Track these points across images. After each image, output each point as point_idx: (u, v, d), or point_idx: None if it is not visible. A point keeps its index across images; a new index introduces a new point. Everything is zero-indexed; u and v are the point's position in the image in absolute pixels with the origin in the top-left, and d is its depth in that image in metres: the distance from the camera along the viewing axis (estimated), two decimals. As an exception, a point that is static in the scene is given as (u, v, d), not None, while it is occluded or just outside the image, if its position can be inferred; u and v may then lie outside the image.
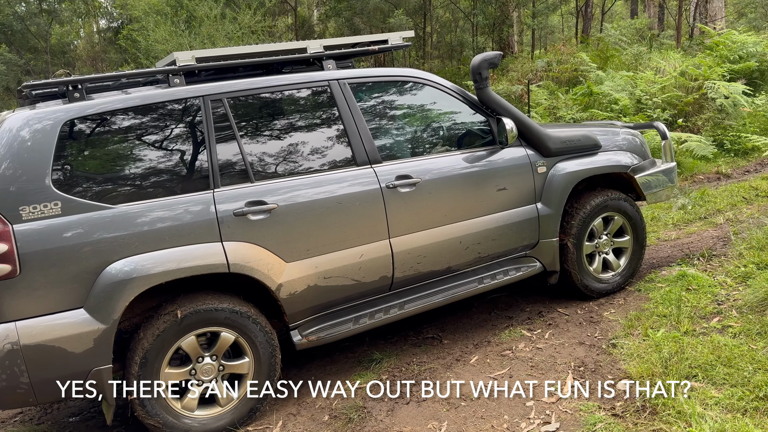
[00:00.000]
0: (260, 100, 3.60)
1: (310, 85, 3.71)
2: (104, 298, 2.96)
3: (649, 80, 10.37)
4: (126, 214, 3.06)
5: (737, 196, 6.65)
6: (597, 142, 4.42)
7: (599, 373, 3.42)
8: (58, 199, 2.96)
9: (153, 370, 3.12)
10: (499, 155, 4.07)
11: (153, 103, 3.29)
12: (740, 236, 5.13)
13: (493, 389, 3.41)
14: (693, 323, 3.74)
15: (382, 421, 3.25)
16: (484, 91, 4.09)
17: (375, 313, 3.69)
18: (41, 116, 3.06)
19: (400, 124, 4.07)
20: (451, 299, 3.92)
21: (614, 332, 3.88)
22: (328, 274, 3.49)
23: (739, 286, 4.16)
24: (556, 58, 14.22)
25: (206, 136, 3.33)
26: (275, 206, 3.34)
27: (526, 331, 4.11)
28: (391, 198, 3.65)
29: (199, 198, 3.23)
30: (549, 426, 3.01)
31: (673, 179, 4.78)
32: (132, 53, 15.59)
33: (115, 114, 3.20)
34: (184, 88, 3.38)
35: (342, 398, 3.53)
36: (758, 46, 10.47)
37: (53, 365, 2.92)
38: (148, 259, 3.04)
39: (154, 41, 13.48)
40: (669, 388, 3.01)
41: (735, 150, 8.67)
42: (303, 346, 3.47)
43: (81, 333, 2.93)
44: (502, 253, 4.13)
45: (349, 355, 4.14)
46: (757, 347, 3.29)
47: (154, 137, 3.30)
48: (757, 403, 2.82)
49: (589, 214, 4.30)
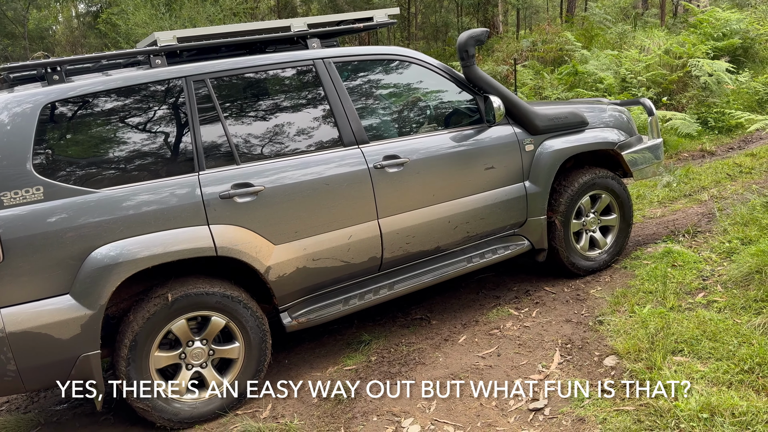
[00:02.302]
0: (244, 81, 3.55)
1: (295, 65, 3.65)
2: (90, 283, 2.93)
3: (634, 59, 10.39)
4: (110, 198, 3.02)
5: (721, 173, 6.70)
6: (584, 120, 4.41)
7: (586, 350, 3.45)
8: (40, 185, 2.91)
9: (143, 353, 3.11)
10: (486, 134, 4.05)
11: (135, 85, 3.23)
12: (724, 212, 5.17)
13: (481, 368, 3.42)
14: (679, 299, 3.77)
15: (372, 401, 3.26)
16: (471, 68, 4.06)
17: (365, 294, 3.69)
18: (20, 99, 3.00)
19: (386, 103, 4.04)
20: (441, 279, 3.92)
21: (601, 309, 3.90)
22: (316, 256, 3.47)
23: (724, 262, 4.20)
24: (541, 38, 14.17)
25: (190, 118, 3.28)
26: (262, 188, 3.31)
27: (514, 310, 4.12)
28: (379, 178, 3.63)
29: (183, 181, 3.18)
30: (537, 403, 3.03)
31: (659, 155, 4.79)
32: (112, 37, 15.30)
33: (96, 96, 3.15)
34: (166, 68, 3.31)
35: (331, 380, 3.53)
36: (741, 24, 10.51)
37: (40, 352, 2.89)
38: (134, 244, 3.01)
39: (134, 25, 13.23)
40: (656, 364, 3.04)
41: (719, 127, 8.72)
42: (293, 328, 3.46)
43: (67, 319, 2.90)
44: (490, 231, 4.13)
45: (337, 337, 4.14)
46: (742, 321, 3.32)
47: (137, 120, 3.25)
48: (741, 376, 2.85)
49: (576, 192, 4.31)
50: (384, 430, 3.02)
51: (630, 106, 4.97)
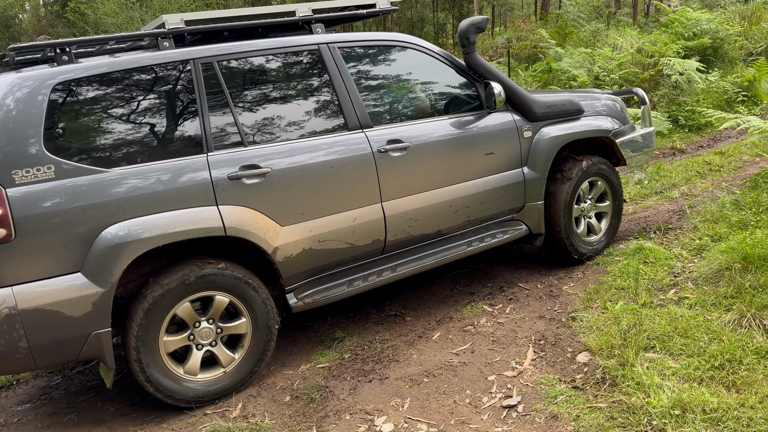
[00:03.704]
0: (251, 64, 3.58)
1: (300, 49, 3.68)
2: (101, 261, 2.94)
3: (607, 57, 10.48)
4: (120, 177, 3.04)
5: (692, 171, 6.79)
6: (580, 107, 4.49)
7: (559, 346, 3.45)
8: (51, 163, 2.92)
9: (153, 334, 3.13)
10: (486, 120, 4.11)
11: (144, 66, 3.25)
12: (695, 209, 5.24)
13: (455, 365, 3.40)
14: (650, 295, 3.79)
15: (345, 399, 3.21)
16: (472, 55, 4.11)
17: (368, 276, 3.73)
18: (31, 79, 2.99)
19: (389, 88, 4.05)
20: (442, 262, 3.98)
21: (574, 306, 3.91)
22: (322, 238, 3.52)
23: (694, 258, 4.25)
24: (516, 35, 14.25)
25: (198, 100, 3.31)
26: (269, 170, 3.34)
27: (488, 306, 4.11)
28: (382, 162, 3.67)
29: (192, 162, 3.21)
30: (510, 400, 3.02)
31: (651, 144, 4.92)
32: (80, 27, 14.92)
33: (106, 77, 3.16)
34: (175, 51, 3.33)
35: (303, 378, 3.48)
36: (711, 24, 10.66)
37: (52, 329, 2.90)
38: (144, 223, 3.03)
39: (102, 14, 12.93)
40: (628, 360, 3.05)
41: (689, 126, 8.85)
42: (299, 308, 3.50)
43: (79, 297, 2.92)
44: (489, 216, 4.20)
45: (310, 334, 4.08)
46: (712, 318, 3.35)
47: (146, 101, 3.26)
48: (712, 372, 2.87)
49: (578, 178, 4.40)
50: (357, 428, 2.97)
51: (623, 95, 5.10)
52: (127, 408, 3.49)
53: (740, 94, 9.23)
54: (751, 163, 6.88)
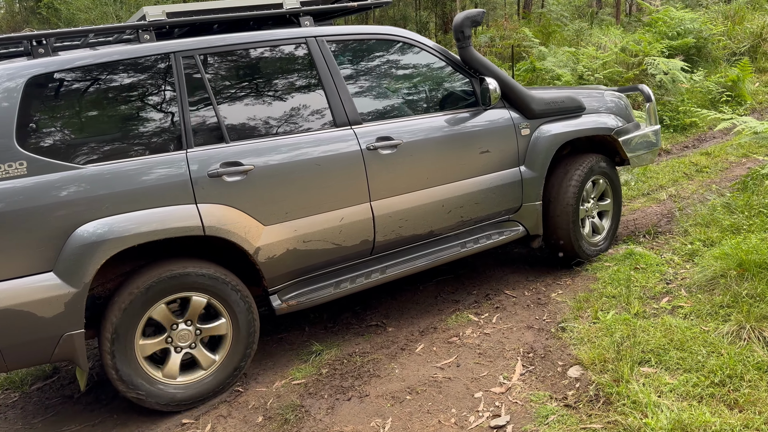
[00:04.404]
0: (234, 57, 3.44)
1: (286, 42, 3.55)
2: (74, 261, 2.84)
3: (591, 56, 10.37)
4: (95, 174, 2.93)
5: (678, 172, 6.68)
6: (581, 104, 4.33)
7: (549, 360, 3.26)
8: (24, 159, 2.82)
9: (129, 336, 3.02)
10: (482, 117, 3.97)
11: (122, 60, 3.13)
12: (684, 212, 5.10)
13: (439, 380, 3.20)
14: (643, 304, 3.63)
15: (321, 420, 2.99)
16: (467, 50, 3.97)
17: (356, 278, 3.61)
18: (4, 72, 2.89)
19: (381, 84, 3.87)
20: (434, 263, 3.85)
21: (563, 315, 3.73)
22: (307, 238, 3.39)
23: (687, 264, 4.09)
24: (499, 34, 14.11)
25: (178, 94, 3.19)
26: (251, 168, 3.22)
27: (474, 315, 3.92)
28: (371, 160, 3.53)
29: (171, 158, 3.09)
30: (499, 420, 2.83)
31: (656, 142, 4.78)
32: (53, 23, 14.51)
33: (83, 71, 3.04)
34: (155, 44, 3.21)
35: (278, 396, 3.25)
36: (695, 23, 10.61)
37: (23, 330, 2.80)
38: (120, 222, 2.92)
39: (76, 10, 12.56)
40: (623, 376, 2.87)
41: (674, 126, 8.76)
42: (283, 311, 3.40)
43: (51, 297, 2.82)
44: (485, 216, 4.05)
45: (286, 347, 3.86)
46: (709, 329, 3.19)
47: (124, 95, 3.16)
48: (712, 389, 2.70)
49: (583, 178, 4.26)
50: (334, 452, 2.76)
51: (627, 92, 4.95)
52: (88, 429, 3.24)
53: (724, 93, 9.16)
54: (737, 164, 6.79)
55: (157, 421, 3.18)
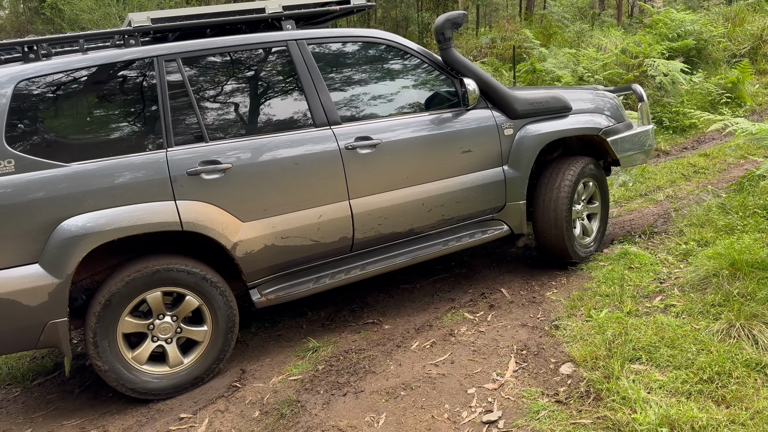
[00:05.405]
0: (215, 61, 3.54)
1: (267, 45, 3.65)
2: (58, 253, 2.99)
3: (591, 57, 10.40)
4: (79, 172, 3.08)
5: (676, 173, 6.71)
6: (567, 104, 4.34)
7: (542, 357, 3.31)
8: (12, 157, 2.98)
9: (114, 316, 3.17)
10: (464, 117, 4.02)
11: (107, 63, 3.28)
12: (680, 213, 5.14)
13: (434, 377, 3.25)
14: (636, 303, 3.67)
15: (317, 415, 3.04)
16: (448, 51, 4.02)
17: (336, 274, 3.71)
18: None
19: (361, 85, 3.93)
20: (414, 260, 3.91)
21: (557, 313, 3.77)
22: (285, 234, 3.49)
23: (680, 264, 4.13)
24: (500, 35, 14.15)
25: (159, 96, 3.32)
26: (229, 166, 3.33)
27: (469, 313, 3.96)
28: (350, 159, 3.61)
29: (151, 157, 3.22)
30: (491, 415, 2.87)
31: (649, 142, 4.77)
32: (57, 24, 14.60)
33: (69, 74, 3.21)
34: (138, 48, 3.35)
35: (275, 392, 3.31)
36: (695, 25, 10.62)
37: (9, 318, 2.96)
38: (100, 217, 3.07)
39: (79, 11, 12.64)
40: (613, 372, 2.92)
41: (673, 127, 8.79)
42: (262, 304, 3.51)
43: (36, 287, 2.97)
44: (467, 215, 4.10)
45: (283, 344, 3.91)
46: (700, 327, 3.23)
47: (108, 97, 3.31)
48: (701, 386, 2.75)
49: (576, 180, 4.28)
50: (329, 446, 2.81)
51: (621, 92, 4.96)
52: (88, 423, 3.29)
53: (724, 95, 9.18)
54: (735, 165, 6.82)
55: (155, 416, 3.23)
